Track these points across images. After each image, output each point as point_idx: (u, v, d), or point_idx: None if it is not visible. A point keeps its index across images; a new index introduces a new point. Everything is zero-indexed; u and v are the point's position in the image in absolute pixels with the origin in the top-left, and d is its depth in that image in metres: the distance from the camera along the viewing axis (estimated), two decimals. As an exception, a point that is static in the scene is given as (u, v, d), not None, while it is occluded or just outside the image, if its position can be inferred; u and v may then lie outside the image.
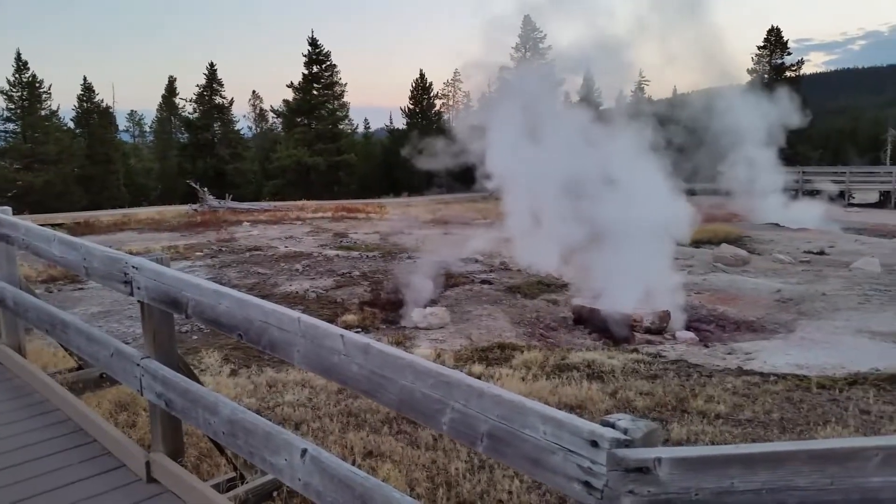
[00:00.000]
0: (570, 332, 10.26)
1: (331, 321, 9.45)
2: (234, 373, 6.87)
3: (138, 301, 3.32)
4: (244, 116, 64.32)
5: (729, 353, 8.45)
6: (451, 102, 56.56)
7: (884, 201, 35.56)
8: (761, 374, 7.07)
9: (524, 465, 1.78)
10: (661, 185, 11.57)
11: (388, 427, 4.94)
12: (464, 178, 22.05)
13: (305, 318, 2.41)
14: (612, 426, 1.65)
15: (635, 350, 8.60)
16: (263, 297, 10.76)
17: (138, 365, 3.35)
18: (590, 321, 10.40)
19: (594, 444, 1.62)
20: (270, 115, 56.81)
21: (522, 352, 7.87)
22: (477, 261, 14.66)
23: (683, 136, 16.45)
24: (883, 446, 1.59)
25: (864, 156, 47.82)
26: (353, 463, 4.22)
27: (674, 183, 11.93)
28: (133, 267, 3.31)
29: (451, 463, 4.24)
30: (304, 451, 2.44)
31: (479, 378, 6.52)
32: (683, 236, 12.07)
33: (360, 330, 9.17)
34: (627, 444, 1.60)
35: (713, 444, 4.84)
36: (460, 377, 1.93)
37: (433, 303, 10.61)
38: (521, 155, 13.56)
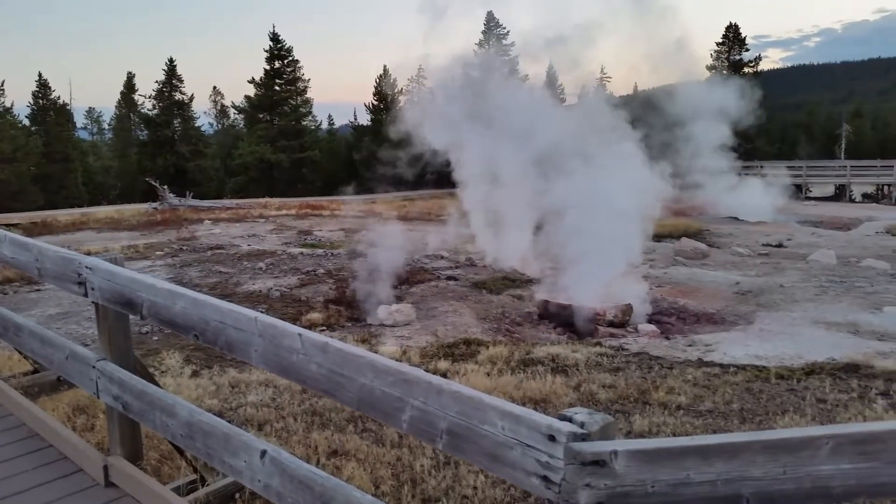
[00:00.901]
0: (535, 327, 10.33)
1: (295, 320, 9.39)
2: (195, 374, 6.77)
3: (92, 302, 3.25)
4: (205, 113, 63.48)
5: (689, 345, 8.58)
6: (416, 98, 56.38)
7: (839, 194, 36.51)
8: (721, 365, 7.21)
9: (483, 460, 1.78)
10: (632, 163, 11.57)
11: (354, 425, 4.92)
12: (431, 174, 22.04)
13: (263, 317, 2.38)
14: (570, 420, 1.65)
15: (599, 343, 8.69)
16: (225, 296, 10.63)
17: (94, 367, 3.27)
18: (554, 316, 10.48)
19: (552, 438, 1.62)
20: (232, 111, 56.04)
21: (488, 347, 7.90)
22: (443, 257, 14.67)
23: (645, 131, 16.63)
24: (833, 434, 1.63)
25: (819, 150, 48.98)
26: (318, 463, 4.19)
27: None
28: (87, 267, 3.23)
29: (417, 460, 4.24)
30: (264, 453, 2.41)
31: (444, 374, 6.59)
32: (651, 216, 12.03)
33: (325, 328, 9.11)
34: (584, 437, 1.61)
35: (674, 435, 4.91)
36: (419, 374, 1.92)
37: (399, 300, 10.58)
38: (480, 147, 13.58)
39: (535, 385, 6.25)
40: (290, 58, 44.08)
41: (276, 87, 43.67)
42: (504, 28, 43.58)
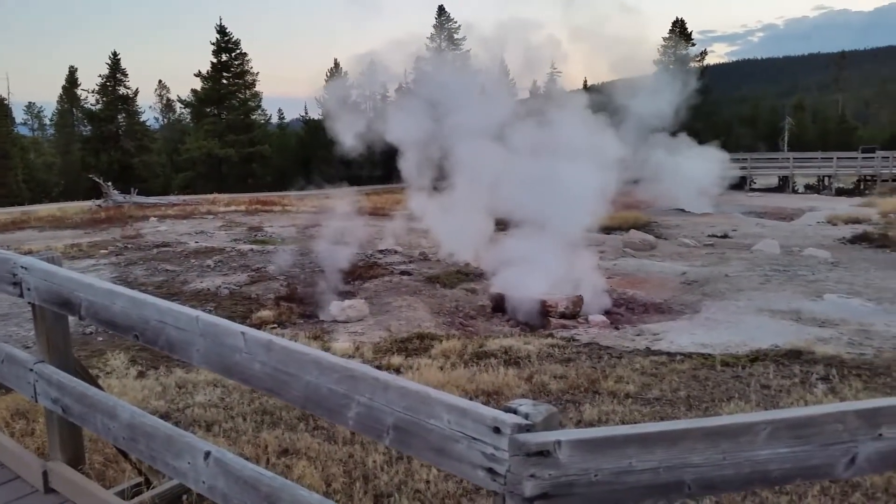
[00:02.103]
0: (488, 320, 10.39)
1: (245, 318, 9.26)
2: (141, 374, 6.61)
3: (29, 303, 3.14)
4: (150, 107, 62.14)
5: (638, 335, 8.74)
6: (367, 92, 56.03)
7: (782, 186, 37.63)
8: (668, 353, 7.35)
9: (430, 455, 1.78)
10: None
11: (305, 423, 4.86)
12: (385, 169, 21.95)
13: (204, 316, 2.33)
14: (514, 412, 1.66)
15: (550, 335, 8.78)
16: (172, 295, 10.42)
17: (31, 370, 3.17)
18: (507, 308, 10.56)
19: (497, 430, 1.62)
20: (178, 105, 54.89)
21: (441, 341, 7.90)
22: (396, 252, 14.62)
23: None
24: (770, 420, 1.67)
25: (763, 142, 50.40)
26: (267, 462, 4.14)
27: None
28: (22, 267, 3.12)
29: (369, 456, 4.22)
30: (208, 454, 2.36)
31: (398, 370, 6.57)
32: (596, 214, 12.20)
33: (276, 326, 8.99)
34: (529, 428, 1.61)
35: (623, 423, 4.99)
36: (366, 370, 1.91)
37: (352, 295, 10.52)
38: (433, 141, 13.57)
39: (487, 378, 6.28)
40: (238, 51, 43.41)
41: (224, 81, 42.96)
42: (455, 22, 43.60)
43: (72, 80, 49.33)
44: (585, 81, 44.05)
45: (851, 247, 16.14)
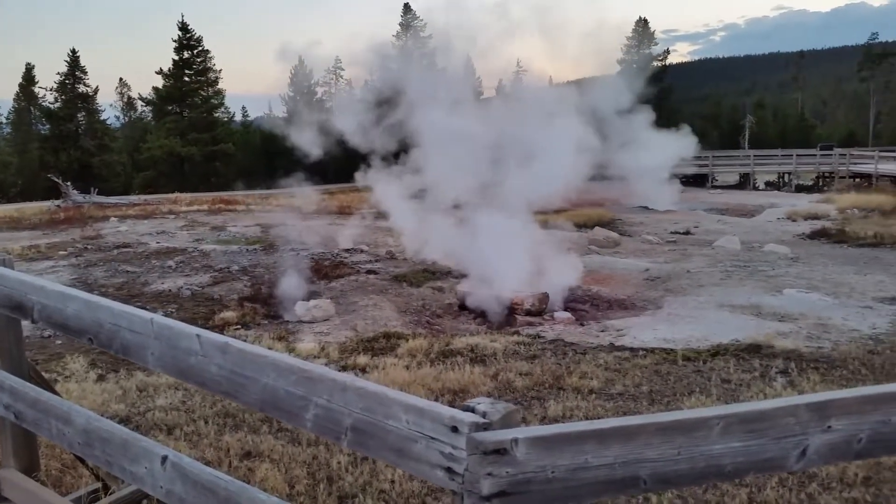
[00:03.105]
0: (455, 319, 10.40)
1: (207, 319, 9.14)
2: (101, 378, 6.48)
3: (-22, 307, 3.05)
4: (111, 105, 60.95)
5: (602, 331, 8.83)
6: (333, 90, 55.75)
7: (743, 183, 38.32)
8: (631, 349, 7.45)
9: (389, 456, 1.77)
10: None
11: (268, 426, 4.81)
12: (350, 168, 21.75)
13: (159, 318, 2.29)
14: (472, 410, 1.66)
15: (517, 332, 8.82)
16: (133, 296, 10.24)
17: (-19, 377, 3.08)
18: (474, 307, 10.57)
19: (454, 429, 1.62)
20: (140, 103, 53.91)
21: (408, 340, 7.89)
22: (363, 251, 14.56)
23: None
24: (723, 415, 1.69)
25: (725, 140, 51.30)
26: (229, 465, 4.09)
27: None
28: (-30, 271, 3.03)
29: (334, 457, 4.19)
30: (165, 458, 2.32)
31: (364, 369, 6.54)
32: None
33: (240, 327, 8.88)
34: (486, 426, 1.61)
35: (587, 418, 5.04)
36: (323, 371, 1.89)
37: (317, 295, 10.44)
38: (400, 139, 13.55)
39: (453, 376, 6.30)
40: (201, 48, 42.83)
41: (186, 79, 42.36)
42: (422, 20, 43.55)
43: (28, 78, 48.16)
44: (550, 79, 44.30)
45: (810, 242, 16.50)
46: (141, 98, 50.73)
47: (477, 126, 12.26)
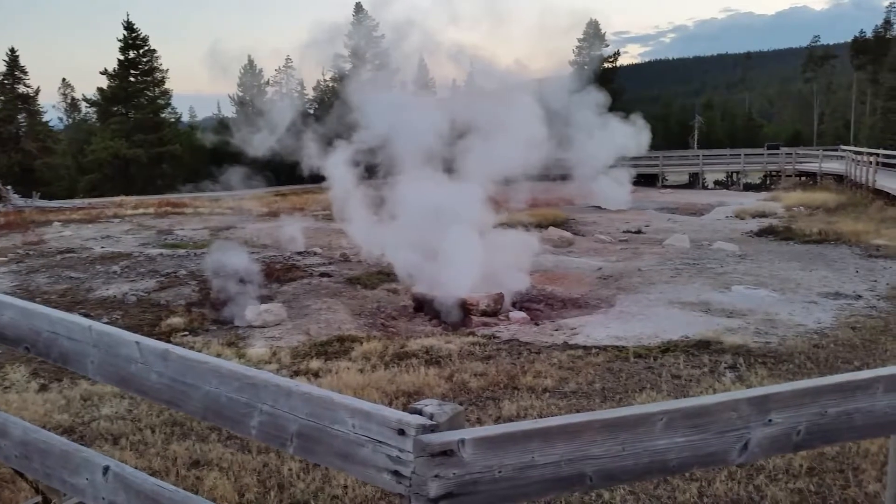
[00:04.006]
0: (410, 321, 10.36)
1: (154, 326, 8.93)
2: (43, 388, 6.27)
3: None
4: (53, 107, 59.22)
5: (556, 330, 8.90)
6: (283, 90, 55.12)
7: (693, 182, 39.13)
8: (584, 347, 7.53)
9: (335, 461, 1.74)
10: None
11: (217, 434, 4.72)
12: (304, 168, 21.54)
13: (98, 325, 2.22)
14: (419, 412, 1.65)
15: (472, 333, 8.84)
16: (77, 303, 9.95)
17: None
18: (429, 308, 10.55)
19: (401, 432, 1.60)
20: (83, 104, 52.39)
21: (362, 343, 7.84)
22: (316, 253, 14.40)
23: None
24: (667, 410, 1.71)
25: (675, 141, 52.35)
26: (177, 475, 3.99)
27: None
28: None
29: (285, 464, 4.13)
30: (107, 469, 2.25)
31: (317, 374, 6.46)
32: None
33: (187, 333, 8.68)
34: (433, 428, 1.60)
35: (541, 417, 5.07)
36: (267, 377, 1.85)
37: (269, 299, 10.28)
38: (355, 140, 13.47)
39: (408, 378, 6.28)
40: (147, 47, 41.90)
41: (132, 79, 41.37)
42: (374, 20, 43.32)
43: (-36, 79, 46.43)
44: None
45: (758, 239, 16.90)
46: (85, 99, 49.33)
47: (431, 109, 12.33)
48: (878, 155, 27.75)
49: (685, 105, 72.19)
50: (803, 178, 33.57)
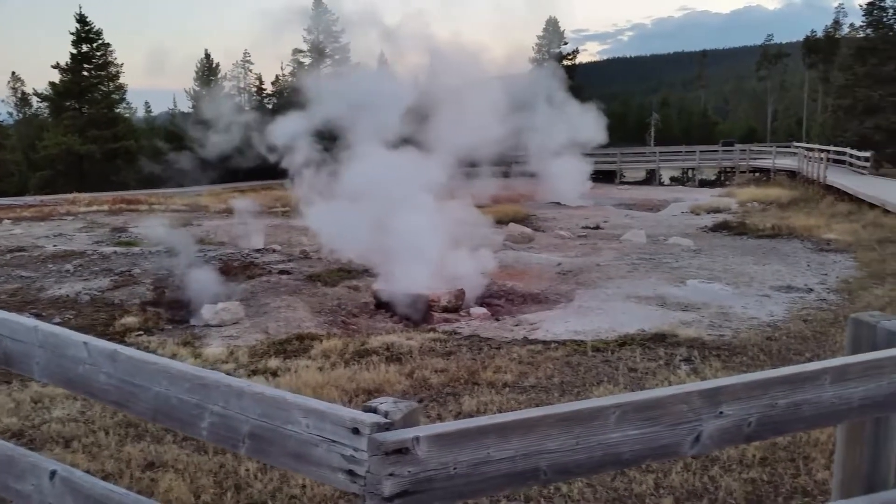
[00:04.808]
0: (371, 318, 10.31)
1: (107, 326, 8.73)
2: (-9, 391, 6.08)
3: None
4: (3, 101, 57.54)
5: (516, 325, 8.96)
6: (241, 84, 54.41)
7: (650, 179, 39.77)
8: (544, 342, 7.58)
9: (289, 461, 1.72)
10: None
11: (172, 435, 4.63)
12: (262, 165, 21.29)
13: (44, 325, 2.16)
14: (374, 411, 1.64)
15: (433, 329, 8.83)
16: (27, 303, 9.69)
17: None
18: (390, 304, 10.52)
19: (356, 431, 1.59)
20: (35, 99, 50.90)
21: (322, 341, 7.77)
22: (275, 250, 14.25)
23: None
24: (619, 404, 1.73)
25: (632, 138, 53.08)
26: (131, 477, 3.91)
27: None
28: None
29: (242, 465, 4.07)
30: (54, 473, 2.19)
31: (275, 373, 6.38)
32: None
33: (142, 333, 8.49)
34: (388, 426, 1.59)
35: (501, 411, 5.09)
36: (219, 378, 1.82)
37: (226, 297, 10.12)
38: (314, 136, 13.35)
39: (368, 375, 6.25)
40: (100, 40, 40.92)
41: (85, 73, 40.33)
42: (333, 14, 42.96)
43: None
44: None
45: (712, 234, 17.24)
46: (36, 93, 47.97)
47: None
48: (828, 151, 28.58)
49: (643, 103, 73.29)
50: (757, 175, 34.35)
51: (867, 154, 28.25)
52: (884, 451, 2.26)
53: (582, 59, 58.41)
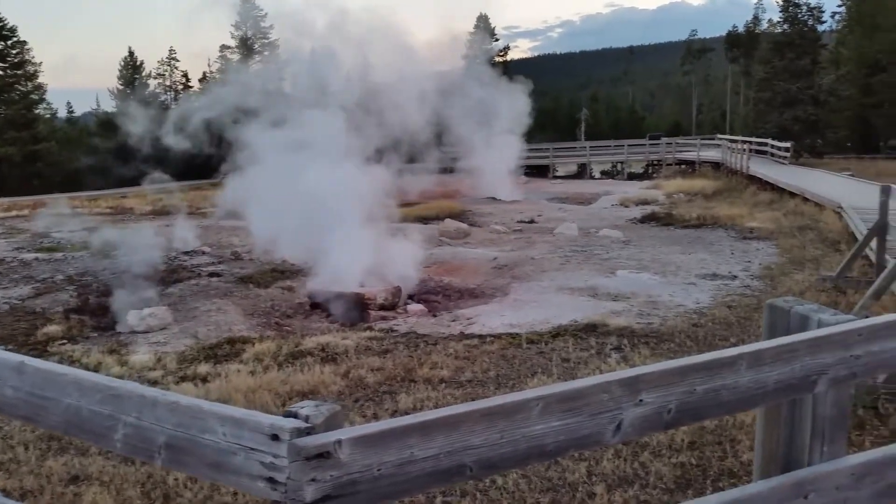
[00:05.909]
0: (306, 318, 10.18)
1: (29, 335, 8.38)
2: None
3: None
4: None
5: (453, 321, 8.99)
6: (167, 82, 52.85)
7: (581, 172, 40.48)
8: (480, 336, 7.63)
9: (207, 471, 1.67)
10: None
11: (98, 446, 4.46)
12: (192, 165, 20.80)
13: (-59, 339, 2.03)
14: (295, 415, 1.60)
15: (370, 328, 8.78)
16: (-62, 315, 9.16)
17: None
18: (325, 304, 10.40)
19: (275, 437, 1.55)
20: (-55, 100, 48.29)
21: (254, 344, 7.63)
22: (205, 252, 13.91)
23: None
24: (542, 396, 1.74)
25: (564, 133, 53.93)
26: (52, 493, 3.75)
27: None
28: None
29: (170, 474, 3.96)
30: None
31: (205, 378, 6.23)
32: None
33: (66, 341, 8.16)
34: (309, 431, 1.56)
35: (436, 407, 5.10)
36: (132, 388, 1.76)
37: (153, 302, 9.82)
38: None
39: (302, 377, 6.17)
40: (16, 38, 39.12)
41: (0, 73, 38.47)
42: (261, 10, 42.20)
43: None
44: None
45: (641, 226, 17.67)
46: (-54, 94, 45.57)
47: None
48: (750, 143, 29.67)
49: (573, 98, 74.50)
50: (683, 167, 35.38)
51: (787, 144, 29.45)
52: (799, 432, 2.35)
53: (513, 55, 58.95)
